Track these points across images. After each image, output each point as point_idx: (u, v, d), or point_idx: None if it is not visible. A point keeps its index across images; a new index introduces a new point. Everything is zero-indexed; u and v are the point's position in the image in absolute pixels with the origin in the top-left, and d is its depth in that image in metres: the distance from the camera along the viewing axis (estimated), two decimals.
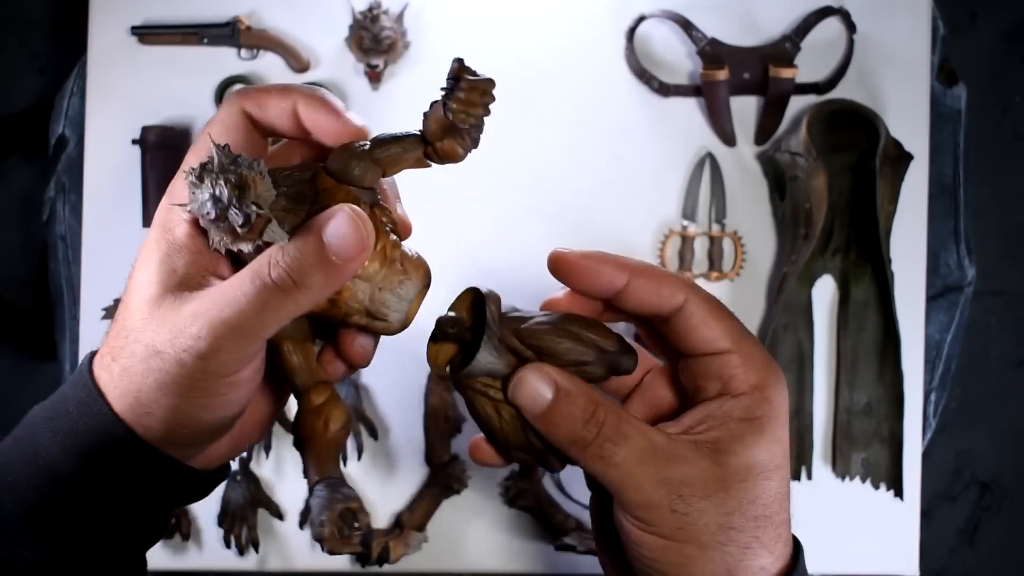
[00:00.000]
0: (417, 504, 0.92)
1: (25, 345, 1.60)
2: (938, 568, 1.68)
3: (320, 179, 0.34)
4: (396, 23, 0.95)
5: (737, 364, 0.35)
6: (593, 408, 0.34)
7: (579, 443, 0.34)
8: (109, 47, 0.97)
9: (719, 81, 0.93)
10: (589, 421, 0.34)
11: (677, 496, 0.34)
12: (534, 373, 0.35)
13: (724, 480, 0.34)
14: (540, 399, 0.35)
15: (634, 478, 0.34)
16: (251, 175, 0.31)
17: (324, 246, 0.32)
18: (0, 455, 0.35)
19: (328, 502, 0.35)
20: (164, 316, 0.33)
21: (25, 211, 1.66)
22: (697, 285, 0.37)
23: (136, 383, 0.33)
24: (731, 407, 0.35)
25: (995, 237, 1.68)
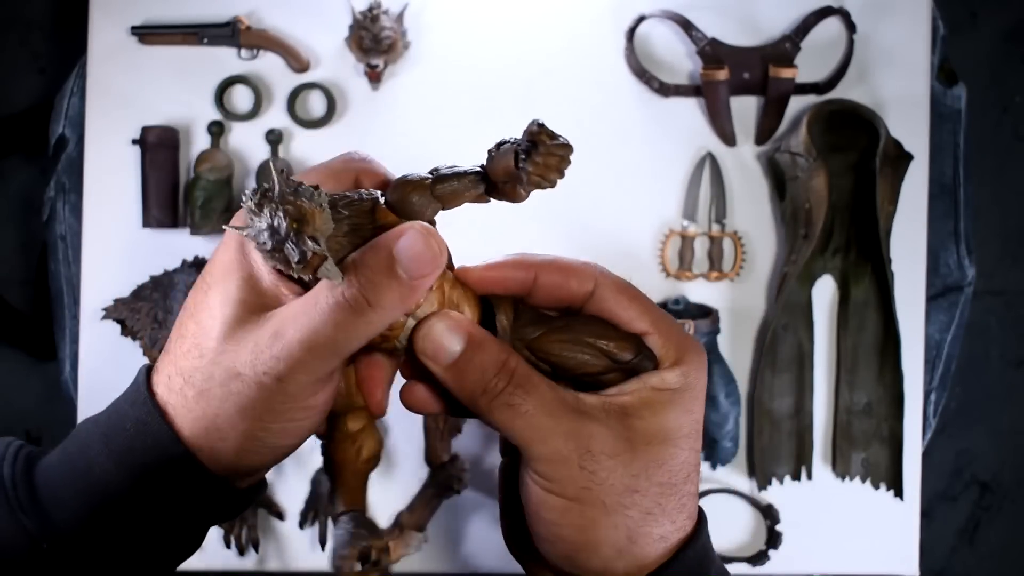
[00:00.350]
0: (417, 504, 0.92)
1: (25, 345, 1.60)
2: (938, 568, 1.68)
3: (379, 213, 0.34)
4: (396, 23, 0.95)
5: (656, 343, 0.35)
6: (504, 358, 0.33)
7: (488, 393, 0.33)
8: (109, 47, 0.97)
9: (719, 81, 0.93)
10: (500, 371, 0.33)
11: (586, 451, 0.33)
12: (442, 320, 0.33)
13: (631, 441, 0.34)
14: (448, 350, 0.33)
15: (543, 429, 0.33)
16: (311, 207, 0.30)
17: (395, 263, 0.31)
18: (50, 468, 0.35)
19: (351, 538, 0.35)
20: (244, 337, 0.32)
21: (25, 211, 1.66)
22: (606, 271, 0.37)
23: (214, 407, 0.33)
24: (647, 377, 0.35)
25: (995, 237, 1.68)
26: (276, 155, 0.96)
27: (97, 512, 0.34)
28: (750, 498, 0.95)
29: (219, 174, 0.94)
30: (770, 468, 0.94)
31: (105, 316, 0.94)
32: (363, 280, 0.31)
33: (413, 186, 0.34)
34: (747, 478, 0.96)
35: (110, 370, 0.95)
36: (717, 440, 0.92)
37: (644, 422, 0.34)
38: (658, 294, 0.96)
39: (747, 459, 0.95)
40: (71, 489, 0.34)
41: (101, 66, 0.97)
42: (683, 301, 0.93)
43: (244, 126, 0.97)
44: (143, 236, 0.95)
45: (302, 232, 0.30)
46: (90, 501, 0.34)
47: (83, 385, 0.96)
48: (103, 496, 0.34)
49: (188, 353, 0.34)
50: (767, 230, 0.97)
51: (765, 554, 0.93)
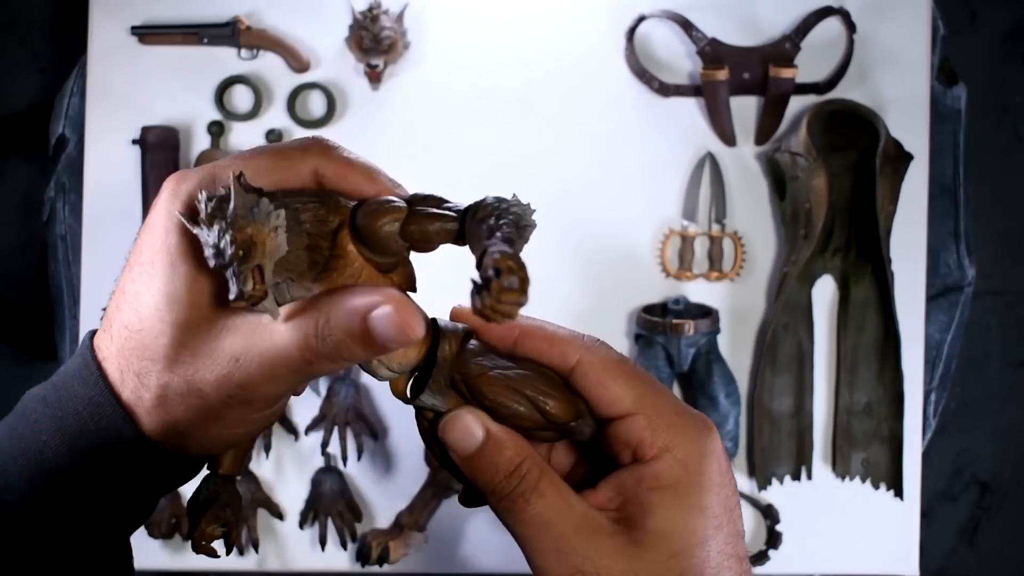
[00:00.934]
0: (417, 504, 0.92)
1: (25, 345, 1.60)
2: (938, 568, 1.68)
3: (342, 238, 0.31)
4: (396, 23, 0.95)
5: (642, 426, 0.32)
6: (519, 461, 0.33)
7: (497, 492, 0.33)
8: (109, 47, 0.97)
9: (719, 81, 0.93)
10: (512, 474, 0.33)
11: (578, 571, 0.31)
12: (469, 415, 0.33)
13: (636, 559, 0.31)
14: (469, 442, 0.33)
15: (537, 541, 0.32)
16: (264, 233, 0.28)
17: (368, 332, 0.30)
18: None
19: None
20: (199, 349, 0.31)
21: (25, 211, 1.66)
22: (596, 346, 0.34)
23: (175, 414, 0.32)
24: (643, 474, 0.32)
25: (995, 237, 1.67)
26: None
27: (47, 491, 0.33)
28: (750, 498, 0.95)
29: None
30: (770, 468, 0.94)
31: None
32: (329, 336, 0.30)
33: (386, 217, 0.31)
34: (747, 478, 0.96)
35: None
36: None
37: (648, 536, 0.31)
38: (658, 294, 0.96)
39: (747, 459, 0.95)
40: (20, 469, 0.33)
41: (101, 66, 0.97)
42: (683, 301, 0.93)
43: (244, 126, 0.97)
44: None
45: (247, 262, 0.28)
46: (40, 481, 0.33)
47: None
48: (54, 477, 0.33)
49: (135, 350, 0.32)
50: (767, 230, 0.97)
51: (765, 554, 0.93)
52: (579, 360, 0.34)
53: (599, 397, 0.33)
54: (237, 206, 0.28)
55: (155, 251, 0.32)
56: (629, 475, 0.33)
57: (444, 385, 0.33)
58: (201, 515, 0.36)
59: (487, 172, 0.96)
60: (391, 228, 0.31)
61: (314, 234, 0.31)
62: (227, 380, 0.31)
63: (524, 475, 0.33)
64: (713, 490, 0.32)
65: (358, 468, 0.95)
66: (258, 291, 0.28)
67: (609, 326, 0.96)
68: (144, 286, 0.32)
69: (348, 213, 0.32)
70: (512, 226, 0.30)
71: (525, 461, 0.33)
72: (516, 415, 0.33)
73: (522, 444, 0.33)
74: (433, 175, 0.97)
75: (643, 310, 0.94)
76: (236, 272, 0.28)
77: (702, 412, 0.35)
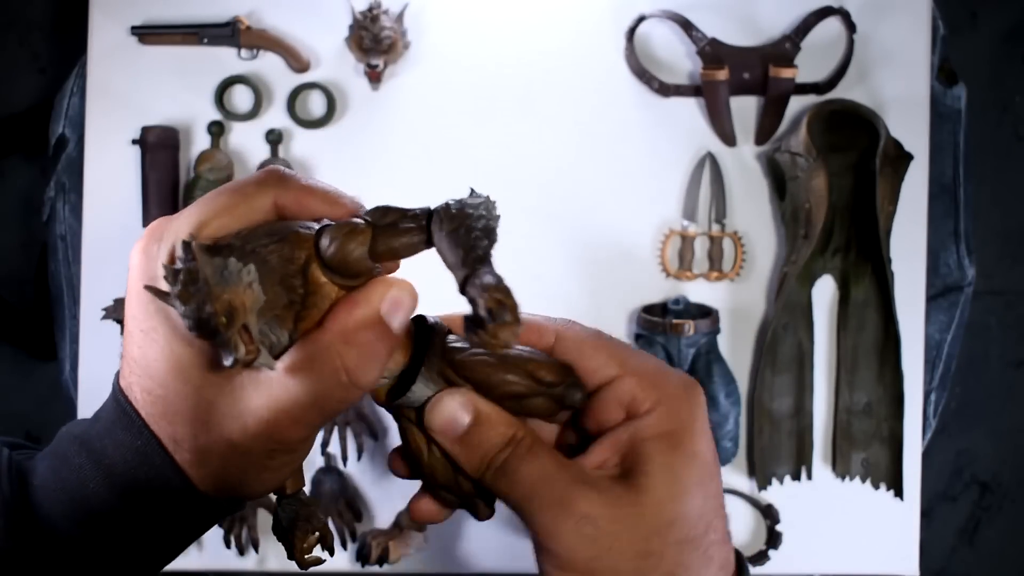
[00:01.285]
0: None
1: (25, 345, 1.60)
2: (938, 568, 1.68)
3: (313, 272, 0.31)
4: (396, 23, 0.95)
5: (631, 385, 0.33)
6: (512, 432, 0.33)
7: (492, 466, 0.33)
8: (109, 47, 0.97)
9: (719, 81, 0.93)
10: (507, 445, 0.33)
11: (584, 516, 0.31)
12: (452, 396, 0.33)
13: (637, 504, 0.32)
14: (457, 424, 0.33)
15: (538, 497, 0.32)
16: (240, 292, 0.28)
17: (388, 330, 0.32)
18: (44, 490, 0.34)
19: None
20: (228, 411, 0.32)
21: (25, 211, 1.66)
22: (573, 325, 0.35)
23: (220, 470, 0.33)
24: (637, 427, 0.33)
25: (995, 237, 1.68)
26: (276, 155, 0.96)
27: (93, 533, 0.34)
28: (750, 498, 0.95)
29: (219, 174, 0.94)
30: (770, 468, 0.94)
31: (105, 316, 0.94)
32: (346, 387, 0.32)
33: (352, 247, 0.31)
34: (747, 478, 0.96)
35: (110, 370, 0.95)
36: (717, 440, 0.92)
37: (650, 479, 0.32)
38: (658, 294, 0.96)
39: (747, 459, 0.95)
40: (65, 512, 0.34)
41: (101, 66, 0.97)
42: (683, 301, 0.93)
43: (244, 126, 0.97)
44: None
45: (232, 327, 0.28)
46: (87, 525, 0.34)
47: (83, 385, 0.96)
48: (101, 519, 0.33)
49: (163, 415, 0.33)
50: (767, 230, 0.97)
51: (765, 554, 0.93)
52: (556, 338, 0.35)
53: (584, 368, 0.34)
54: (207, 276, 0.28)
55: (150, 318, 0.32)
56: (623, 431, 0.33)
57: (436, 374, 0.34)
58: (293, 538, 0.37)
59: (487, 172, 0.96)
60: (360, 253, 0.31)
61: (285, 273, 0.31)
62: (263, 435, 0.32)
63: (519, 442, 0.33)
64: (704, 438, 0.33)
65: (358, 468, 0.95)
66: (251, 352, 0.28)
67: (609, 326, 0.96)
68: (153, 354, 0.32)
69: (311, 245, 0.31)
70: (482, 234, 0.30)
71: (518, 431, 0.33)
72: (505, 382, 0.33)
73: (511, 417, 0.34)
74: (433, 175, 0.97)
75: (643, 310, 0.94)
76: (225, 340, 0.28)
77: None
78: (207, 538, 0.95)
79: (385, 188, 0.96)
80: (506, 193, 0.96)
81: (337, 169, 0.97)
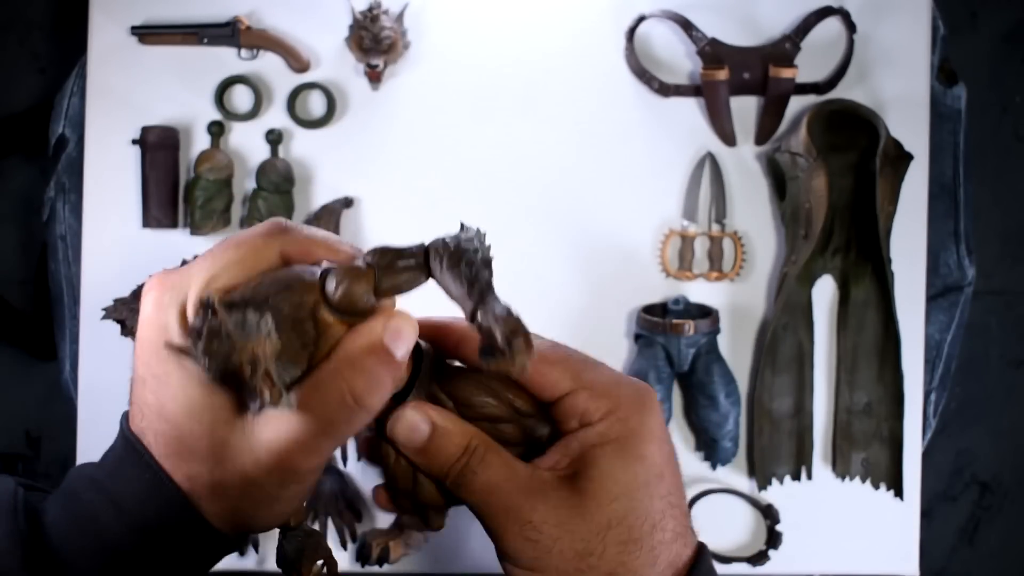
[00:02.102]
0: None
1: (25, 345, 1.60)
2: (938, 568, 1.68)
3: (321, 314, 0.34)
4: (396, 23, 0.95)
5: (584, 398, 0.35)
6: (467, 441, 0.36)
7: (451, 472, 0.36)
8: (109, 47, 0.97)
9: (719, 81, 0.93)
10: (463, 454, 0.35)
11: (528, 523, 0.34)
12: (412, 410, 0.36)
13: (579, 507, 0.34)
14: (416, 434, 0.36)
15: (488, 505, 0.35)
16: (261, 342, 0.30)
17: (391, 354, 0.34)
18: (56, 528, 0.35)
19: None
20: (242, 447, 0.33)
21: (25, 211, 1.66)
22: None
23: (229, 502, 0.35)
24: (585, 435, 0.35)
25: (995, 237, 1.68)
26: (276, 155, 0.96)
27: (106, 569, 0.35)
28: (750, 498, 0.95)
29: (219, 174, 0.94)
30: (770, 468, 0.94)
31: (105, 316, 0.94)
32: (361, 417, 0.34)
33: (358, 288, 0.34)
34: (747, 478, 0.96)
35: (110, 370, 0.95)
36: (717, 440, 0.92)
37: (591, 483, 0.34)
38: (658, 294, 0.96)
39: (747, 459, 0.95)
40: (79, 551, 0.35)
41: (101, 66, 0.97)
42: (683, 301, 0.93)
43: (244, 126, 0.97)
44: (143, 236, 0.95)
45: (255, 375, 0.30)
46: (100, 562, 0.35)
47: (83, 385, 0.96)
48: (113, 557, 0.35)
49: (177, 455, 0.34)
50: (767, 230, 0.97)
51: (765, 554, 0.93)
52: None
53: (540, 384, 0.36)
54: (229, 331, 0.30)
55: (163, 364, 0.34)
56: (574, 438, 0.36)
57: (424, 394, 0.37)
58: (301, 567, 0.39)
59: (487, 172, 0.96)
60: (364, 293, 0.34)
61: (296, 318, 0.33)
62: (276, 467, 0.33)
63: (472, 451, 0.36)
64: (653, 442, 0.35)
65: (358, 468, 0.95)
66: (275, 396, 0.30)
67: (609, 326, 0.96)
68: (167, 399, 0.34)
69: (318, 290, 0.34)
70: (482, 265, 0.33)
71: (472, 440, 0.36)
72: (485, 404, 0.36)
73: (467, 427, 0.36)
74: (433, 175, 0.97)
75: (643, 310, 0.94)
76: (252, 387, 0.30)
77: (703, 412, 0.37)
78: None
79: (385, 188, 0.96)
80: (506, 193, 0.97)
81: (337, 169, 0.97)
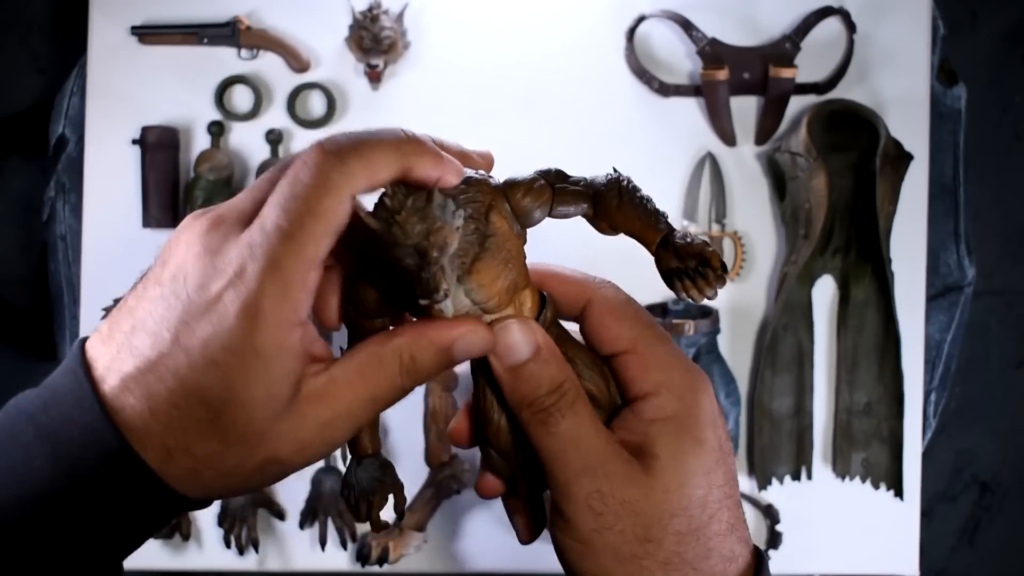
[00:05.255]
0: (417, 504, 0.92)
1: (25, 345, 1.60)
2: (938, 568, 1.68)
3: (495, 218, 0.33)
4: (396, 23, 0.95)
5: (635, 363, 0.34)
6: (562, 380, 0.33)
7: (534, 406, 0.33)
8: (109, 47, 0.97)
9: (719, 81, 0.93)
10: (553, 390, 0.33)
11: (596, 491, 0.32)
12: (521, 326, 0.34)
13: (647, 488, 0.32)
14: (517, 351, 0.33)
15: (565, 457, 0.33)
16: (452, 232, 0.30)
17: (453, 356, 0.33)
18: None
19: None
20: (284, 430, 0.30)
21: (25, 211, 1.66)
22: (605, 285, 0.37)
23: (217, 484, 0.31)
24: (638, 409, 0.34)
25: (995, 237, 1.68)
26: (276, 155, 0.96)
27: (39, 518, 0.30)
28: (750, 498, 0.95)
29: (219, 174, 0.94)
30: (770, 468, 0.94)
31: (105, 316, 0.94)
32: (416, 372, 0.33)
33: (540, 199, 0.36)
34: (747, 478, 0.96)
35: None
36: None
37: (655, 462, 0.33)
38: (658, 294, 0.96)
39: (747, 459, 0.95)
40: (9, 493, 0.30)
41: (101, 66, 0.97)
42: (683, 301, 0.93)
43: (244, 126, 0.97)
44: (143, 236, 0.95)
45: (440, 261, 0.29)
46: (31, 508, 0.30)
47: None
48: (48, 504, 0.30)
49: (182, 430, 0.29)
50: (767, 230, 0.97)
51: (765, 554, 0.93)
52: (589, 300, 0.36)
53: (601, 336, 0.35)
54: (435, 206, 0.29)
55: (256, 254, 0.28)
56: (628, 410, 0.34)
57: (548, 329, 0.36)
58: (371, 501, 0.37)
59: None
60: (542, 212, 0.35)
61: (472, 216, 0.32)
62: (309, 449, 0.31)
63: (564, 393, 0.33)
64: (710, 425, 0.34)
65: None
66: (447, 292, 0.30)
67: None
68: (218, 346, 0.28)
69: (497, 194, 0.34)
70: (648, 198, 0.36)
71: (567, 380, 0.34)
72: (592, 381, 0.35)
73: (565, 365, 0.34)
74: None
75: None
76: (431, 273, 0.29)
77: None
78: (207, 538, 0.95)
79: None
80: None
81: None
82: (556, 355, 0.34)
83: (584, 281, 0.37)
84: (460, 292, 0.33)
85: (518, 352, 0.33)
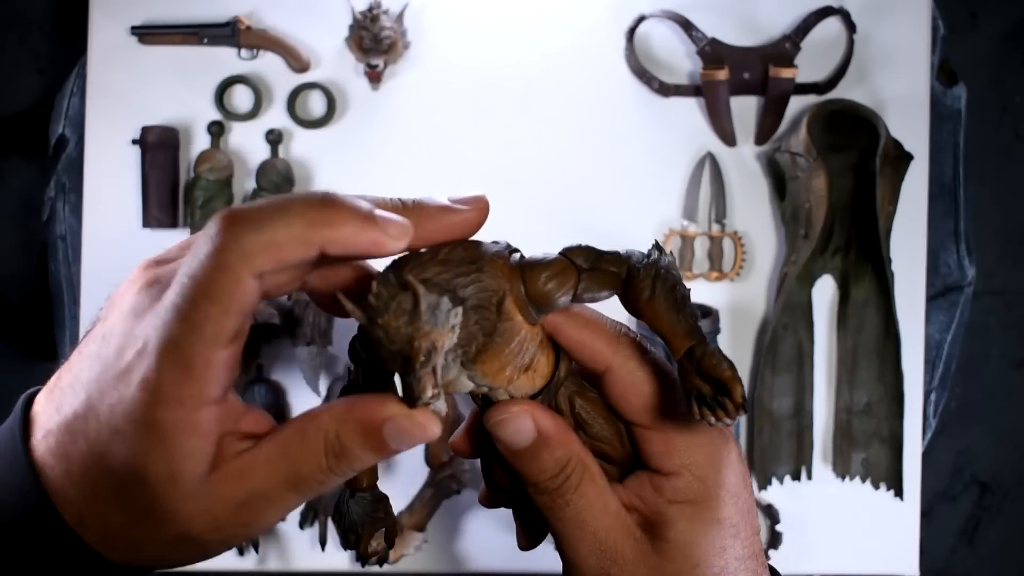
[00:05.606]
0: (417, 504, 0.92)
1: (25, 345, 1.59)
2: (938, 568, 1.68)
3: (508, 307, 0.30)
4: (396, 23, 0.95)
5: (658, 442, 0.33)
6: (566, 461, 0.33)
7: (540, 487, 0.33)
8: (109, 47, 0.97)
9: (719, 81, 0.93)
10: (557, 474, 0.33)
11: (605, 573, 0.33)
12: (520, 411, 0.33)
13: (658, 567, 0.32)
14: (519, 437, 0.33)
15: (573, 538, 0.33)
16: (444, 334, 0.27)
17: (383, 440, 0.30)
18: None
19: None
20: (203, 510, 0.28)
21: (25, 211, 1.66)
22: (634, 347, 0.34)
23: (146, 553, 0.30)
24: (659, 487, 0.33)
25: (995, 237, 1.67)
26: (276, 155, 0.96)
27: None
28: None
29: (219, 174, 0.94)
30: (770, 468, 0.94)
31: None
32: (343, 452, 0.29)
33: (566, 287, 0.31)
34: None
35: None
36: None
37: (670, 547, 0.32)
38: None
39: (747, 459, 0.95)
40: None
41: (101, 66, 0.97)
42: None
43: (244, 126, 0.97)
44: (143, 236, 0.95)
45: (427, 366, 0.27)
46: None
47: None
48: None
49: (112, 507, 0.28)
50: (767, 230, 0.97)
51: (765, 554, 0.93)
52: (608, 367, 0.34)
53: (620, 407, 0.34)
54: (423, 311, 0.27)
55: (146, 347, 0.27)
56: (650, 484, 0.34)
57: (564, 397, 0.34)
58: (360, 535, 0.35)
59: (487, 172, 0.96)
60: (565, 298, 0.32)
61: (480, 305, 0.30)
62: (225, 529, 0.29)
63: (569, 475, 0.33)
64: (731, 501, 0.33)
65: None
66: (436, 395, 0.27)
67: None
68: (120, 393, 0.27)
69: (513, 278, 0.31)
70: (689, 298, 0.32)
71: (572, 460, 0.33)
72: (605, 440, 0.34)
73: (571, 443, 0.33)
74: (433, 175, 0.97)
75: None
76: (417, 378, 0.27)
77: None
78: None
79: (385, 188, 0.96)
80: (506, 193, 0.97)
81: (337, 169, 0.97)
82: (561, 436, 0.33)
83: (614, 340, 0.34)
84: (463, 377, 0.31)
85: (517, 441, 0.33)
